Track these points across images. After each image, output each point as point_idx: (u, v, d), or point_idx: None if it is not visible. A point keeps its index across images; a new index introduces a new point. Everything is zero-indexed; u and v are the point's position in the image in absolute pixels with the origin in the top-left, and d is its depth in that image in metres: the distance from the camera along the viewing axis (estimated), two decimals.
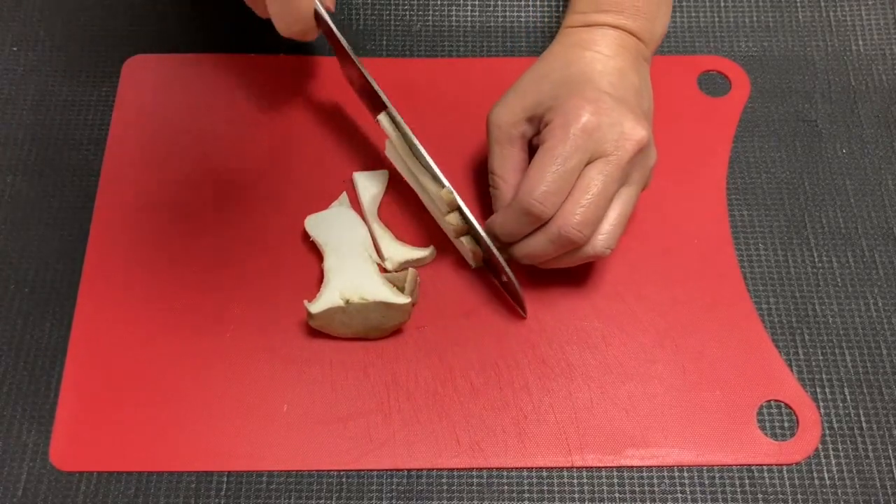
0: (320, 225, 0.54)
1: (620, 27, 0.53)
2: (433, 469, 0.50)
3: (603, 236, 0.49)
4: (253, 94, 0.61)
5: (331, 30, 0.51)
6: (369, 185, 0.57)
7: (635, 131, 0.48)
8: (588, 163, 0.48)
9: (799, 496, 0.50)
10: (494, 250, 0.51)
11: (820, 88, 0.62)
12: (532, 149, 0.52)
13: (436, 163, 0.52)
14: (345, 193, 0.57)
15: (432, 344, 0.53)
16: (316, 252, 0.55)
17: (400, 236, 0.55)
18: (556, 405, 0.51)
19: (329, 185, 0.57)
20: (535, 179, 0.48)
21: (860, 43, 0.64)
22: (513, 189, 0.51)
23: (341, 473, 0.50)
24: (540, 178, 0.48)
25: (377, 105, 0.53)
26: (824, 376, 0.53)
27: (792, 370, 0.53)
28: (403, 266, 0.54)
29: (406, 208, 0.57)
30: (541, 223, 0.49)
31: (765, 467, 0.50)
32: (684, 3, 0.65)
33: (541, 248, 0.50)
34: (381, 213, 0.56)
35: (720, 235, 0.56)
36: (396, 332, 0.53)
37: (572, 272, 0.55)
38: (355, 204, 0.57)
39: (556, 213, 0.48)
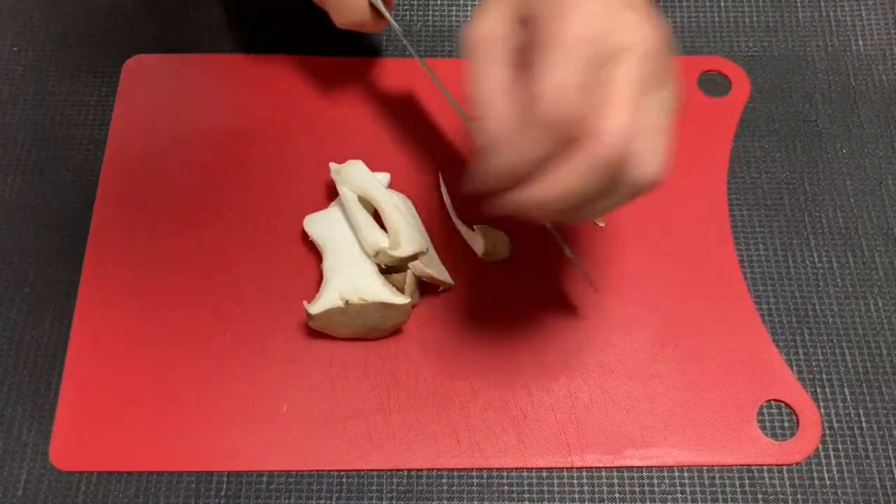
0: (319, 225, 0.54)
1: None
2: (433, 469, 0.50)
3: (652, 156, 0.38)
4: (253, 94, 0.61)
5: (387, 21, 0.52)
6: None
7: (651, 24, 0.38)
8: (607, 61, 0.37)
9: (799, 496, 0.50)
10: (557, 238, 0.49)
11: (820, 88, 0.62)
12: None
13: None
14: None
15: (432, 344, 0.53)
16: (315, 252, 0.55)
17: None
18: (556, 405, 0.51)
19: (329, 185, 0.57)
20: (554, 76, 0.36)
21: (860, 43, 0.64)
22: (505, 117, 0.38)
23: (341, 473, 0.50)
24: (557, 74, 0.36)
25: None
26: (824, 376, 0.53)
27: (792, 370, 0.53)
28: (394, 260, 0.52)
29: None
30: (566, 138, 0.37)
31: (765, 467, 0.50)
32: (684, 3, 0.65)
33: (576, 182, 0.37)
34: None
35: (720, 235, 0.56)
36: (396, 331, 0.53)
37: (572, 270, 0.55)
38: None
39: (587, 126, 0.36)
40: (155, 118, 0.60)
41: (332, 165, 0.55)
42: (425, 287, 0.54)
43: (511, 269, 0.55)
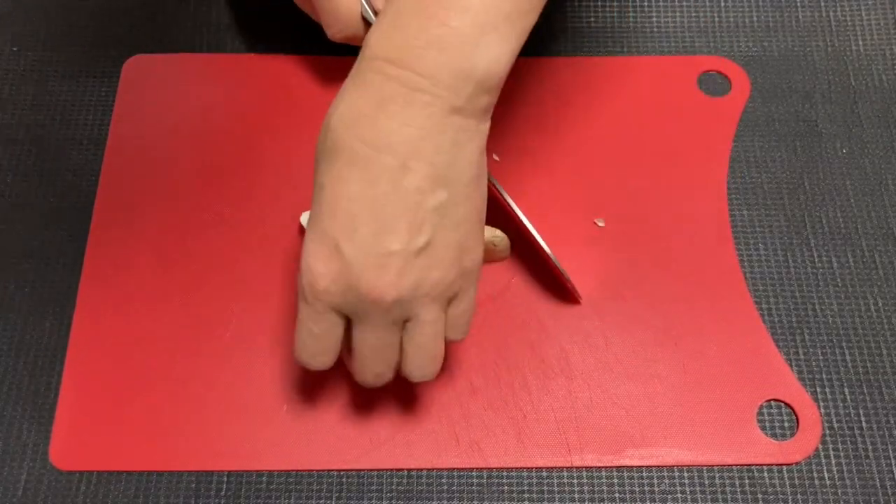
0: None
1: (411, 69, 0.39)
2: (433, 469, 0.50)
3: (414, 368, 0.45)
4: (253, 93, 0.61)
5: None
6: None
7: (377, 288, 0.40)
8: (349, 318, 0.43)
9: (799, 496, 0.50)
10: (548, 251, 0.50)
11: (820, 88, 0.62)
12: None
13: None
14: None
15: None
16: None
17: None
18: (555, 405, 0.51)
19: None
20: (298, 345, 0.45)
21: (860, 43, 0.64)
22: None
23: (341, 473, 0.50)
24: (302, 344, 0.44)
25: None
26: (824, 376, 0.53)
27: (792, 370, 0.53)
28: None
29: None
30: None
31: (765, 467, 0.50)
32: (684, 3, 0.65)
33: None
34: None
35: (720, 235, 0.56)
36: None
37: (573, 270, 0.55)
38: None
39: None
40: (155, 118, 0.60)
41: (303, 217, 0.55)
42: None
43: (511, 269, 0.55)
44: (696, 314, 0.54)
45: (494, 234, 0.54)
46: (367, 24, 0.52)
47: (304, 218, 0.55)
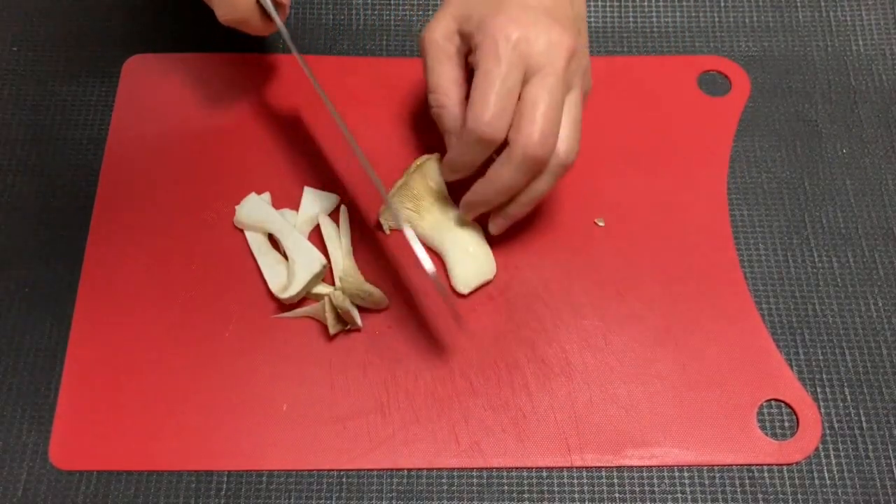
0: (252, 216, 0.55)
1: None
2: (433, 469, 0.50)
3: (564, 144, 0.49)
4: (253, 93, 0.61)
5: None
6: (312, 205, 0.56)
7: (563, 39, 0.48)
8: (525, 79, 0.48)
9: (799, 496, 0.50)
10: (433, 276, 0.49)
11: (820, 88, 0.62)
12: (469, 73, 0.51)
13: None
14: (255, 194, 0.56)
15: (432, 344, 0.53)
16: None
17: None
18: (555, 405, 0.51)
19: (329, 181, 0.57)
20: (479, 105, 0.47)
21: (860, 43, 0.64)
22: (457, 104, 0.51)
23: (341, 473, 0.50)
24: (483, 103, 0.47)
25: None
26: (824, 376, 0.53)
27: (792, 370, 0.53)
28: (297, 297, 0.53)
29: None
30: (495, 148, 0.49)
31: (765, 467, 0.50)
32: (684, 3, 0.65)
33: (509, 178, 0.49)
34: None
35: (720, 235, 0.56)
36: (395, 331, 0.53)
37: (572, 270, 0.55)
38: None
39: (511, 135, 0.48)
40: (155, 118, 0.60)
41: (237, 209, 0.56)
42: (426, 287, 0.54)
43: (510, 269, 0.55)
44: (696, 314, 0.54)
45: (370, 291, 0.53)
46: (261, 8, 0.51)
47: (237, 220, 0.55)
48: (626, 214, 0.57)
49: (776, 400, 0.52)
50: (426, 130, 0.53)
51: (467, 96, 0.50)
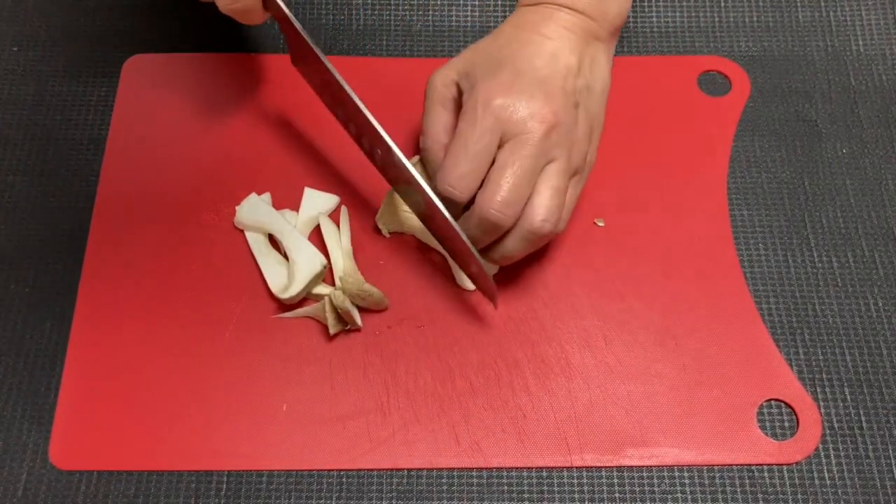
0: (253, 217, 0.55)
1: (566, 6, 0.53)
2: (433, 469, 0.50)
3: (539, 210, 0.48)
4: (253, 93, 0.61)
5: (284, 16, 0.51)
6: (312, 205, 0.56)
7: (544, 110, 0.48)
8: (500, 145, 0.49)
9: (799, 496, 0.50)
10: (463, 236, 0.49)
11: (820, 88, 0.62)
12: None
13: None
14: (255, 195, 0.56)
15: (432, 343, 0.53)
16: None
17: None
18: (555, 405, 0.51)
19: (329, 182, 0.57)
20: (449, 163, 0.49)
21: (860, 43, 0.64)
22: (441, 150, 0.52)
23: (341, 473, 0.50)
24: (453, 162, 0.48)
25: (336, 101, 0.53)
26: (824, 376, 0.53)
27: (792, 370, 0.53)
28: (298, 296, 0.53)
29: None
30: (462, 205, 0.49)
31: (765, 467, 0.50)
32: (684, 3, 0.65)
33: (471, 234, 0.49)
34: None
35: (720, 235, 0.56)
36: (395, 330, 0.53)
37: (573, 270, 0.55)
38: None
39: (477, 194, 0.48)
40: (155, 118, 0.60)
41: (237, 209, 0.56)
42: (426, 286, 0.54)
43: (510, 269, 0.55)
44: (696, 314, 0.54)
45: (371, 291, 0.53)
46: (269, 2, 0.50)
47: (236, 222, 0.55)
48: (626, 214, 0.57)
49: (776, 400, 0.52)
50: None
51: None
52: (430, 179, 0.52)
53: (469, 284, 0.54)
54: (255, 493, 0.49)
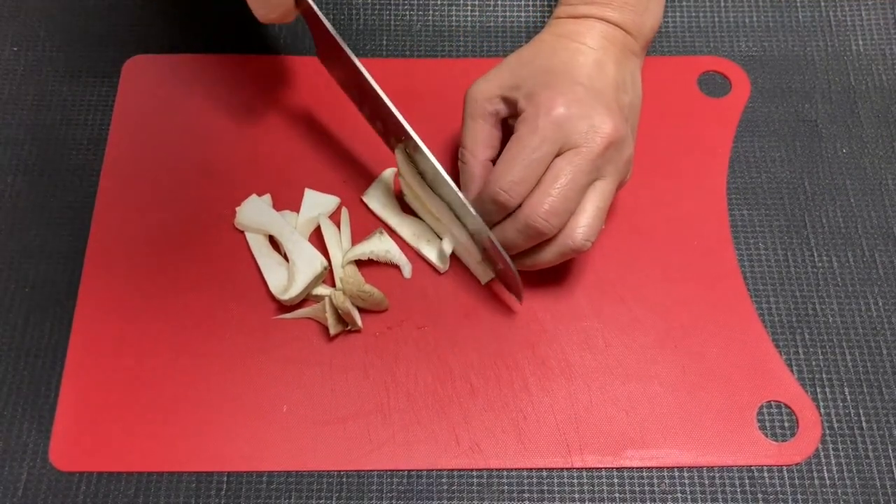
0: (253, 218, 0.55)
1: (607, 19, 0.53)
2: (433, 469, 0.50)
3: (582, 228, 0.49)
4: (253, 94, 0.61)
5: (315, 16, 0.51)
6: (312, 206, 0.56)
7: (605, 125, 0.48)
8: (558, 154, 0.48)
9: (799, 496, 0.50)
10: (491, 235, 0.50)
11: (820, 88, 0.62)
12: (507, 132, 0.52)
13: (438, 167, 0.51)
14: (256, 196, 0.56)
15: (432, 344, 0.53)
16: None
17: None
18: (555, 405, 0.51)
19: (329, 183, 0.57)
20: (502, 168, 0.48)
21: (860, 43, 0.64)
22: (480, 165, 0.52)
23: (341, 474, 0.50)
24: (507, 168, 0.48)
25: (365, 99, 0.53)
26: (824, 376, 0.53)
27: (792, 370, 0.53)
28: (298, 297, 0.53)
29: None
30: (507, 212, 0.49)
31: (765, 468, 0.50)
32: (684, 3, 0.65)
33: (510, 238, 0.50)
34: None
35: (720, 235, 0.56)
36: (396, 330, 0.53)
37: (573, 271, 0.55)
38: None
39: (525, 199, 0.48)
40: (155, 118, 0.60)
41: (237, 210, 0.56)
42: (427, 287, 0.54)
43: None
44: (695, 315, 0.54)
45: (371, 292, 0.53)
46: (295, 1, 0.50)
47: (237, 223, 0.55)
48: (626, 214, 0.57)
49: (776, 401, 0.52)
50: (424, 129, 0.53)
51: (494, 158, 0.52)
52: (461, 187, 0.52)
53: (485, 277, 0.54)
54: (255, 494, 0.49)
